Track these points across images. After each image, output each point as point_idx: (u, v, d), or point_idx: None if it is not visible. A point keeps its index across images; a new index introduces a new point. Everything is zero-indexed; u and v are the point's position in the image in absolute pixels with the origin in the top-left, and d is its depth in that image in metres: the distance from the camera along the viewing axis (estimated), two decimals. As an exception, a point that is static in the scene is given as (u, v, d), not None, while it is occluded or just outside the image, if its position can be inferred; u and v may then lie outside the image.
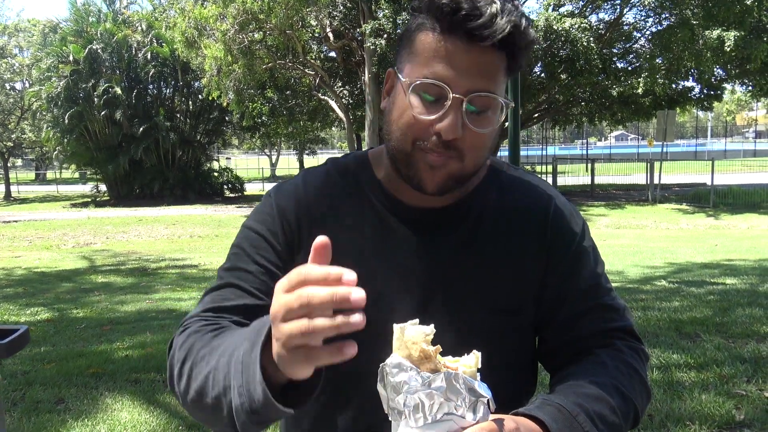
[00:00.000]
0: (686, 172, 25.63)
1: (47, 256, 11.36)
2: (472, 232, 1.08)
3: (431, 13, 0.94)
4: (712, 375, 3.66)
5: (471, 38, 0.91)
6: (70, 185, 37.12)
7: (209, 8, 17.40)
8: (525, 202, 1.11)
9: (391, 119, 1.00)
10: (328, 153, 69.01)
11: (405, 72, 0.97)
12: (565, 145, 69.29)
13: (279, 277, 1.01)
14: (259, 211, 1.10)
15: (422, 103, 0.94)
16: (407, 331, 0.77)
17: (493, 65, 0.93)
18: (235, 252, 1.08)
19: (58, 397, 3.69)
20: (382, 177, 1.09)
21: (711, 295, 5.86)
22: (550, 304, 1.09)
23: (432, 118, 0.93)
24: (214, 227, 16.38)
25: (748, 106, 65.83)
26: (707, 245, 10.75)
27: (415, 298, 1.04)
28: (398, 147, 0.98)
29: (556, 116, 24.45)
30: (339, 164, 1.14)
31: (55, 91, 24.74)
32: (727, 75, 20.68)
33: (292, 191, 1.10)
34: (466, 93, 0.92)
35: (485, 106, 0.95)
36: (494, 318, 1.05)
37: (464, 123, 0.93)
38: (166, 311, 6.15)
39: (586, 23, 17.20)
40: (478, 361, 0.79)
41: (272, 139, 34.36)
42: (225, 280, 1.05)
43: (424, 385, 0.74)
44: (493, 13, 0.89)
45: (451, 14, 0.91)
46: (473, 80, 0.92)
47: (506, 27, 0.90)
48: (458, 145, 0.95)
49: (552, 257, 1.09)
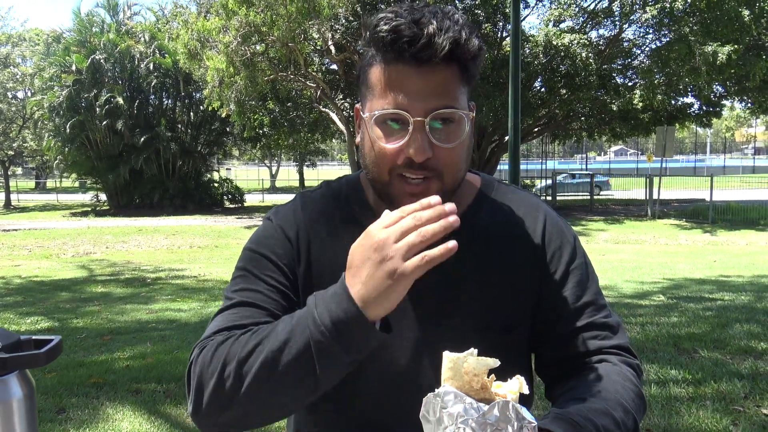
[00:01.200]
0: (685, 188, 25.69)
1: (47, 266, 11.38)
2: (466, 251, 1.06)
3: (376, 46, 0.96)
4: (709, 391, 3.68)
5: (417, 61, 0.93)
6: (70, 194, 37.17)
7: (212, 20, 17.53)
8: (516, 220, 1.12)
9: (364, 154, 1.02)
10: (329, 165, 69.12)
11: (366, 107, 1.00)
12: (565, 159, 69.44)
13: (288, 295, 1.05)
14: (261, 234, 1.11)
15: (387, 133, 0.97)
16: (469, 363, 0.78)
17: (445, 81, 0.96)
18: (242, 274, 1.07)
19: (59, 406, 3.70)
20: (372, 202, 1.11)
21: (709, 311, 5.88)
22: (545, 321, 1.11)
23: (399, 145, 0.96)
24: (214, 238, 16.40)
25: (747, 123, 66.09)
26: (706, 261, 10.77)
27: (409, 320, 1.06)
28: (377, 179, 1.01)
29: (556, 131, 24.54)
30: (332, 187, 1.16)
31: (57, 101, 24.85)
32: (726, 92, 20.80)
33: (291, 214, 1.12)
34: (426, 114, 0.94)
35: (448, 121, 0.97)
36: (490, 336, 1.06)
37: (431, 142, 0.95)
38: (166, 321, 6.16)
39: (585, 39, 17.33)
40: (522, 386, 0.80)
41: (273, 151, 34.44)
42: (235, 299, 1.04)
43: (480, 416, 0.75)
44: (431, 34, 0.91)
45: (392, 43, 0.93)
46: (429, 100, 0.94)
47: (445, 45, 0.92)
48: (433, 165, 0.97)
49: (545, 275, 1.10)
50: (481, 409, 0.76)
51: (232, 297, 1.05)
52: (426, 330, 1.06)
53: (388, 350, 1.06)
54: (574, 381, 1.05)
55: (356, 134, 1.07)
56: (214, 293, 7.83)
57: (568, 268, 1.11)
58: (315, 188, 1.19)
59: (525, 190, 1.19)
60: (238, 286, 1.06)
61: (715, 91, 20.23)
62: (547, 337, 1.11)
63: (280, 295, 1.04)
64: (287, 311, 1.01)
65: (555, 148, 50.22)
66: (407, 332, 1.06)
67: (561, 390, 1.06)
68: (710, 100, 20.88)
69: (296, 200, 1.16)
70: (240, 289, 1.05)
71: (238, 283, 1.06)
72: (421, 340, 1.07)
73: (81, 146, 25.92)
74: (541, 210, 1.15)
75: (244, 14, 16.40)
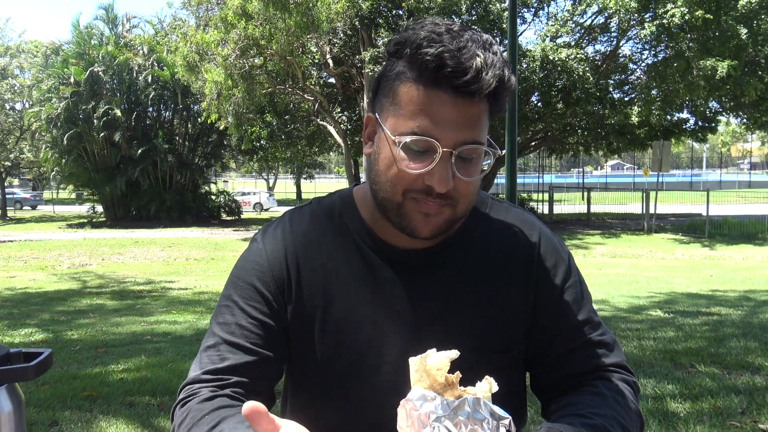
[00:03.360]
0: (682, 203, 25.76)
1: (42, 277, 11.33)
2: (459, 271, 1.08)
3: (415, 66, 0.93)
4: (706, 406, 3.67)
5: (456, 93, 0.91)
6: (67, 206, 37.11)
7: (211, 33, 17.60)
8: (510, 240, 1.11)
9: (378, 170, 1.00)
10: (326, 177, 69.20)
11: (389, 123, 0.97)
12: (562, 173, 69.60)
13: (272, 328, 1.05)
14: (248, 260, 1.09)
15: (410, 155, 0.95)
16: (430, 359, 0.78)
17: (478, 114, 0.94)
18: (227, 304, 1.06)
19: (52, 419, 3.66)
20: (367, 218, 1.09)
21: (706, 325, 5.87)
22: (540, 341, 1.10)
23: (421, 172, 0.94)
24: (211, 250, 16.37)
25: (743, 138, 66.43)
26: (702, 276, 10.78)
27: (404, 340, 1.05)
28: (388, 198, 0.99)
29: (553, 145, 24.62)
30: (324, 205, 1.14)
31: (55, 112, 24.87)
32: (722, 107, 20.92)
33: (280, 235, 1.10)
34: (455, 146, 0.93)
35: (474, 154, 0.96)
36: (483, 357, 1.06)
37: (454, 174, 0.94)
38: (162, 334, 6.13)
39: (582, 54, 17.44)
40: (492, 386, 0.80)
41: (270, 163, 34.46)
42: (219, 336, 1.04)
43: (450, 413, 0.75)
44: (478, 68, 0.89)
45: (436, 70, 0.90)
46: (461, 132, 0.93)
47: (492, 82, 0.90)
48: (450, 194, 0.96)
49: (540, 293, 1.09)
50: (451, 405, 0.75)
51: (216, 333, 1.05)
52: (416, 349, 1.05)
53: (381, 373, 1.05)
54: (570, 398, 1.04)
55: (365, 143, 1.04)
56: (209, 305, 7.80)
57: (563, 286, 1.10)
58: (304, 205, 1.16)
59: (519, 207, 1.19)
60: (223, 318, 1.05)
61: (710, 107, 20.35)
62: (544, 357, 1.10)
63: (262, 329, 1.04)
64: (269, 344, 1.03)
65: (552, 162, 50.35)
66: (398, 351, 1.05)
67: (557, 406, 1.05)
68: (706, 116, 21.00)
69: (284, 219, 1.14)
70: (224, 323, 1.05)
71: (223, 314, 1.06)
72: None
73: (78, 158, 25.91)
74: (536, 228, 1.14)
75: (243, 27, 16.49)
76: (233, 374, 1.00)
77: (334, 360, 1.06)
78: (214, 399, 0.96)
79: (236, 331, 1.03)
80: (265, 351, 1.03)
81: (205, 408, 0.95)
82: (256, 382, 1.02)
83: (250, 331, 1.03)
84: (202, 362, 1.03)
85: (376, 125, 1.01)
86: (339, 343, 1.06)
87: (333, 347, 1.06)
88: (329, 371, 1.07)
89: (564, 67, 16.78)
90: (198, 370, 1.02)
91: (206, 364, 1.02)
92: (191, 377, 1.02)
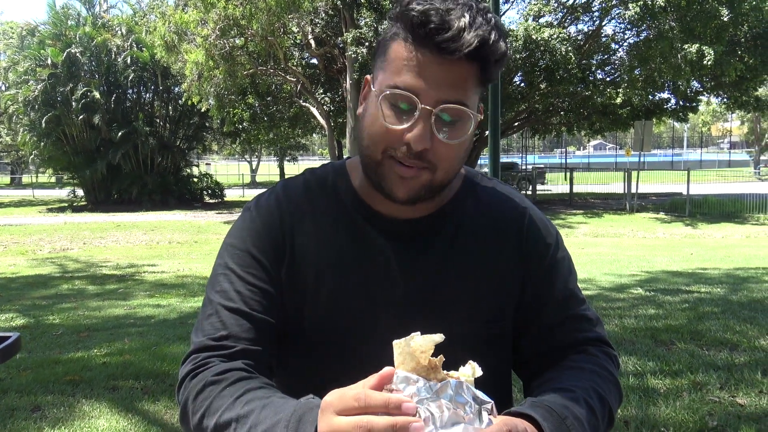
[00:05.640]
0: (663, 182, 26.00)
1: (22, 262, 11.20)
2: (450, 243, 1.09)
3: (403, 23, 0.94)
4: (686, 382, 3.73)
5: (440, 51, 0.91)
6: (47, 190, 36.63)
7: (190, 13, 17.35)
8: (500, 213, 1.12)
9: (363, 125, 1.00)
10: (309, 159, 68.89)
11: (378, 80, 0.98)
12: (545, 153, 69.87)
13: (271, 294, 1.04)
14: (242, 227, 1.09)
15: (393, 112, 0.95)
16: (415, 341, 0.78)
17: (463, 77, 0.94)
18: (224, 273, 1.05)
19: (34, 404, 3.64)
20: (359, 188, 1.10)
21: (686, 303, 5.95)
22: (526, 314, 1.11)
23: (402, 128, 0.94)
24: (194, 233, 16.27)
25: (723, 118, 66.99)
26: (683, 254, 10.91)
27: (396, 310, 1.06)
28: (369, 154, 0.99)
29: (536, 125, 24.68)
30: (317, 174, 1.14)
31: (33, 95, 24.43)
32: (703, 87, 21.07)
33: (274, 203, 1.10)
34: (436, 104, 0.93)
35: (456, 117, 0.95)
36: (474, 328, 1.07)
37: (433, 134, 0.94)
38: (144, 318, 6.10)
39: (565, 34, 17.43)
40: (475, 370, 0.80)
41: (253, 146, 34.23)
42: (219, 304, 1.03)
43: (433, 395, 0.75)
44: (461, 27, 0.89)
45: (420, 26, 0.91)
46: (443, 91, 0.93)
47: (474, 41, 0.90)
48: (429, 157, 0.96)
49: (529, 267, 1.11)
50: (433, 387, 0.76)
51: (214, 299, 1.04)
52: (409, 319, 1.04)
53: (370, 338, 1.05)
54: (551, 372, 1.06)
55: (360, 105, 1.04)
56: (193, 289, 7.76)
57: (552, 260, 1.12)
58: (297, 175, 1.16)
59: (507, 185, 1.20)
60: (220, 287, 1.04)
61: (691, 87, 20.49)
62: (528, 330, 1.11)
63: (261, 295, 1.03)
64: (268, 310, 1.03)
65: (535, 142, 50.50)
66: (391, 320, 1.05)
67: (538, 382, 1.06)
68: (687, 96, 21.14)
69: (277, 188, 1.13)
70: (222, 291, 1.04)
71: (220, 283, 1.05)
72: (404, 329, 1.06)
73: (57, 141, 25.52)
74: (525, 204, 1.15)
75: (223, 7, 16.25)
76: (237, 341, 1.00)
77: (326, 328, 1.06)
78: (230, 372, 0.96)
79: (236, 298, 1.02)
80: (266, 317, 1.03)
81: (224, 379, 0.94)
82: (260, 348, 1.01)
83: (250, 298, 1.02)
84: (204, 330, 1.02)
85: (370, 85, 1.02)
86: (331, 312, 1.06)
87: (325, 315, 1.06)
88: (320, 339, 1.07)
89: (547, 47, 16.77)
90: (201, 337, 1.01)
91: (209, 332, 1.01)
92: (196, 345, 1.01)
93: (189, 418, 0.96)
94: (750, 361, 4.08)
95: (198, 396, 0.94)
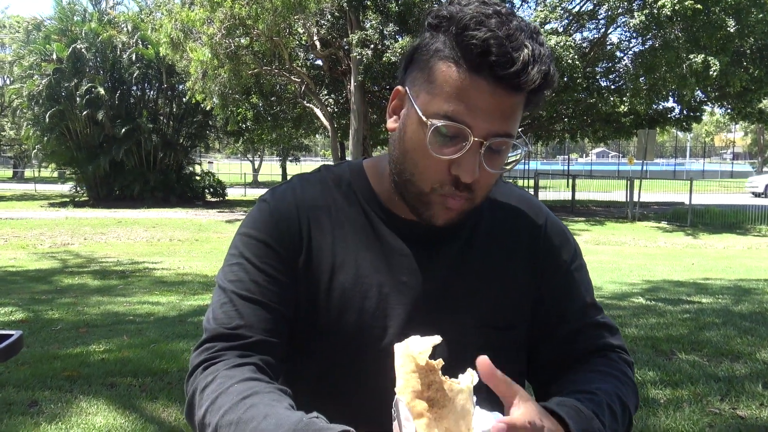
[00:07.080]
0: (665, 191, 25.95)
1: (23, 256, 11.19)
2: (466, 248, 1.08)
3: (461, 49, 0.88)
4: (686, 393, 3.71)
5: (497, 82, 0.87)
6: (49, 184, 36.63)
7: (196, 12, 17.35)
8: (517, 218, 1.11)
9: (404, 148, 0.97)
10: (312, 160, 68.89)
11: (421, 101, 0.93)
12: (547, 160, 69.84)
13: (287, 285, 1.03)
14: (258, 218, 1.07)
15: (438, 140, 0.92)
16: (413, 343, 0.79)
17: (514, 107, 0.91)
18: (239, 262, 1.03)
19: (31, 399, 3.63)
20: (377, 190, 1.08)
21: (687, 313, 5.93)
22: (548, 321, 1.10)
23: (449, 158, 0.91)
24: (195, 231, 16.24)
25: (726, 128, 66.98)
26: (684, 264, 10.88)
27: (409, 312, 1.05)
28: (414, 183, 0.97)
29: (539, 132, 24.67)
30: (333, 172, 1.12)
31: (37, 89, 24.43)
32: (707, 97, 21.06)
33: (290, 195, 1.08)
34: (486, 136, 0.90)
35: (502, 147, 0.93)
36: (487, 334, 1.06)
37: (481, 165, 0.92)
38: (144, 315, 6.08)
39: (571, 41, 17.43)
40: (474, 378, 0.80)
41: (256, 145, 34.22)
42: (234, 292, 1.01)
43: None
44: (526, 61, 0.86)
45: (480, 56, 0.86)
46: (494, 123, 0.90)
47: (537, 78, 0.87)
48: (472, 186, 0.94)
49: (545, 275, 1.10)
50: None
51: (228, 288, 1.01)
52: (421, 322, 1.04)
53: (383, 343, 1.04)
54: (572, 374, 1.05)
55: (390, 116, 1.01)
56: (193, 287, 7.75)
57: (570, 267, 1.12)
58: (313, 171, 1.14)
59: (524, 190, 1.19)
60: (235, 276, 1.02)
61: (695, 97, 20.49)
62: (548, 337, 1.10)
63: (277, 285, 1.02)
64: (284, 302, 1.01)
65: (538, 149, 50.47)
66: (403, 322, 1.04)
67: (559, 383, 1.05)
68: (691, 105, 21.14)
69: (293, 182, 1.11)
70: (237, 280, 1.02)
71: (235, 272, 1.03)
72: (415, 331, 1.05)
73: (60, 136, 25.51)
74: (543, 209, 1.14)
75: (229, 6, 16.26)
76: (253, 331, 0.98)
77: (338, 326, 1.05)
78: (243, 367, 0.94)
79: (252, 288, 1.00)
80: (282, 308, 1.01)
81: (234, 375, 0.92)
82: (276, 340, 1.00)
83: (266, 288, 1.01)
84: (218, 319, 1.00)
85: (404, 99, 0.98)
86: (344, 310, 1.04)
87: (338, 313, 1.05)
88: (332, 337, 1.05)
89: (553, 55, 16.75)
90: (215, 325, 0.99)
91: (223, 321, 0.99)
92: (210, 333, 0.99)
93: (195, 410, 0.94)
94: (751, 373, 4.06)
95: (206, 389, 0.93)
